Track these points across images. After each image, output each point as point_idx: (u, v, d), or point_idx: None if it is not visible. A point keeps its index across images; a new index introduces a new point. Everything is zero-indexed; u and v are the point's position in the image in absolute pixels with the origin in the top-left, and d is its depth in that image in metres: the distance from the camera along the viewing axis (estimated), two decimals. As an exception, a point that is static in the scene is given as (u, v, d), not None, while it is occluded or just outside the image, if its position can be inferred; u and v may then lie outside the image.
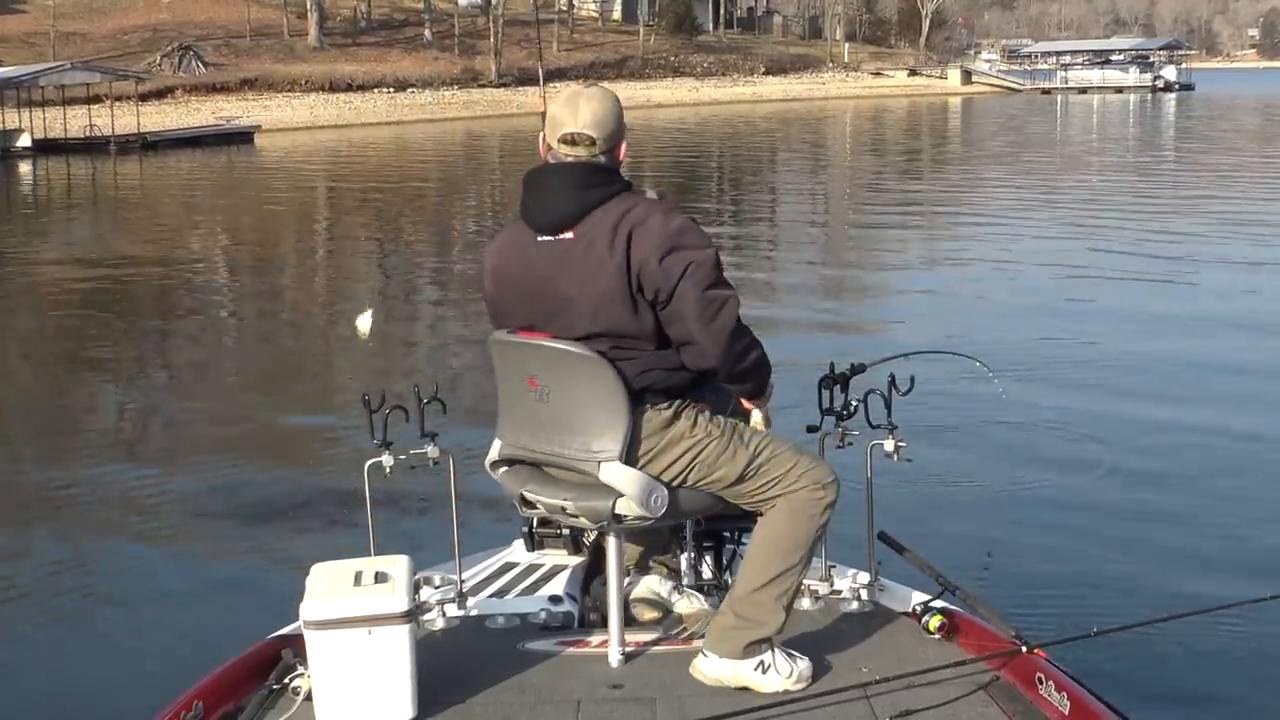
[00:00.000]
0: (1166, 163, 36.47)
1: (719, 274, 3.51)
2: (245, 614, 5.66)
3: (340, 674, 3.50)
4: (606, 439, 3.55)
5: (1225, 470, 7.98)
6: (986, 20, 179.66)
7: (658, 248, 3.44)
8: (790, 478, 3.61)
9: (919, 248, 19.37)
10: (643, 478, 3.56)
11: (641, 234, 3.45)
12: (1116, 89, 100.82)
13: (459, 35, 76.97)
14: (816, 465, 3.68)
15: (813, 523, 3.63)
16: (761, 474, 3.61)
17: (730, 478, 3.61)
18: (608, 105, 3.60)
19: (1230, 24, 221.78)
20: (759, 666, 3.62)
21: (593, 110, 3.55)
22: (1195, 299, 14.01)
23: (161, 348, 13.52)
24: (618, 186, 3.56)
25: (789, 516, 3.62)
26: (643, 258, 3.44)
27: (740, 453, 3.60)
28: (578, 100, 3.58)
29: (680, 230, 3.48)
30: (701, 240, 3.52)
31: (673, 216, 3.52)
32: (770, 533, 3.65)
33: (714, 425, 3.61)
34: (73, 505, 7.95)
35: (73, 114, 46.18)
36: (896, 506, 5.64)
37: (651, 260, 3.44)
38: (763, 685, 3.61)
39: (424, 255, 20.91)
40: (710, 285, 3.47)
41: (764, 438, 3.66)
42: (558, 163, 3.59)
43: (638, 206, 3.51)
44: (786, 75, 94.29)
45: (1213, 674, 5.21)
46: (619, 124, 3.60)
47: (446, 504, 4.21)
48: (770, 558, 3.63)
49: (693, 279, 3.45)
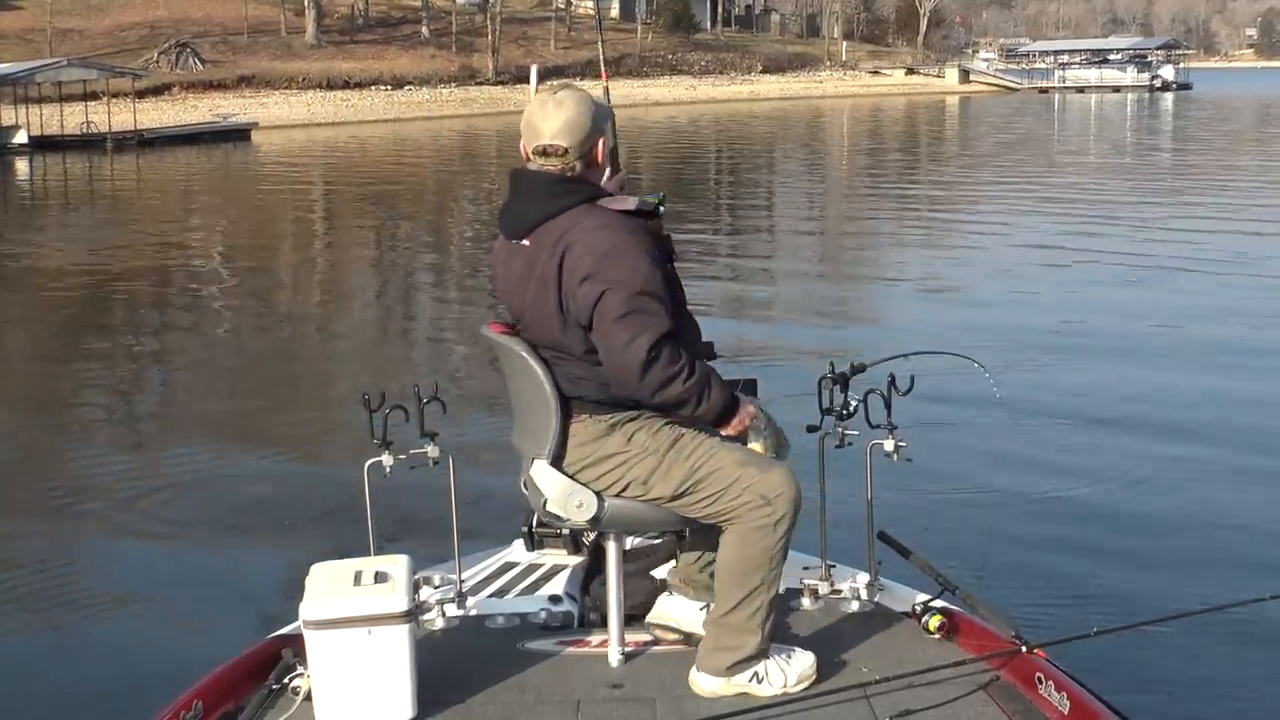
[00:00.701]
0: (1164, 165, 36.45)
1: (638, 302, 3.40)
2: (245, 614, 5.66)
3: (340, 674, 3.50)
4: (540, 439, 3.63)
5: (1225, 470, 7.98)
6: (984, 19, 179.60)
7: (581, 271, 3.43)
8: (731, 494, 3.51)
9: (917, 248, 19.36)
10: (564, 482, 3.60)
11: (572, 255, 3.45)
12: (1114, 88, 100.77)
13: (456, 33, 76.93)
14: (763, 479, 3.51)
15: (762, 542, 3.52)
16: (699, 490, 3.54)
17: (666, 494, 3.57)
18: (578, 110, 3.57)
19: (1228, 23, 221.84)
20: (752, 678, 3.62)
21: (564, 117, 3.55)
22: (1195, 300, 14.00)
23: (158, 346, 13.50)
24: (577, 198, 3.53)
25: (737, 539, 3.56)
26: (569, 279, 3.46)
27: (676, 469, 3.54)
28: (548, 107, 3.58)
29: (606, 254, 3.42)
30: (626, 266, 3.42)
31: (605, 236, 3.45)
32: (724, 558, 3.62)
33: (652, 440, 3.56)
34: (71, 504, 7.94)
35: (69, 111, 46.09)
36: (896, 506, 5.65)
37: (573, 283, 3.45)
38: (760, 692, 3.61)
39: (422, 255, 20.90)
40: (624, 314, 3.40)
41: (709, 452, 3.54)
42: (529, 171, 3.62)
43: (581, 223, 3.48)
44: (784, 74, 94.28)
45: (1213, 674, 5.21)
46: (593, 124, 3.58)
47: (446, 504, 4.21)
48: (729, 583, 3.60)
49: (605, 307, 3.42)
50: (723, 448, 3.57)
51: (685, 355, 3.47)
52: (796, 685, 3.62)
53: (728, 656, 3.61)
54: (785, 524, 3.52)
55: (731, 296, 14.99)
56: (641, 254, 3.46)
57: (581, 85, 4.01)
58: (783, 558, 3.59)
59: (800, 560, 4.33)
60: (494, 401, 3.92)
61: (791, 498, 3.52)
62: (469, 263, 18.98)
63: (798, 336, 12.67)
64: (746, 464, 3.53)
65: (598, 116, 3.61)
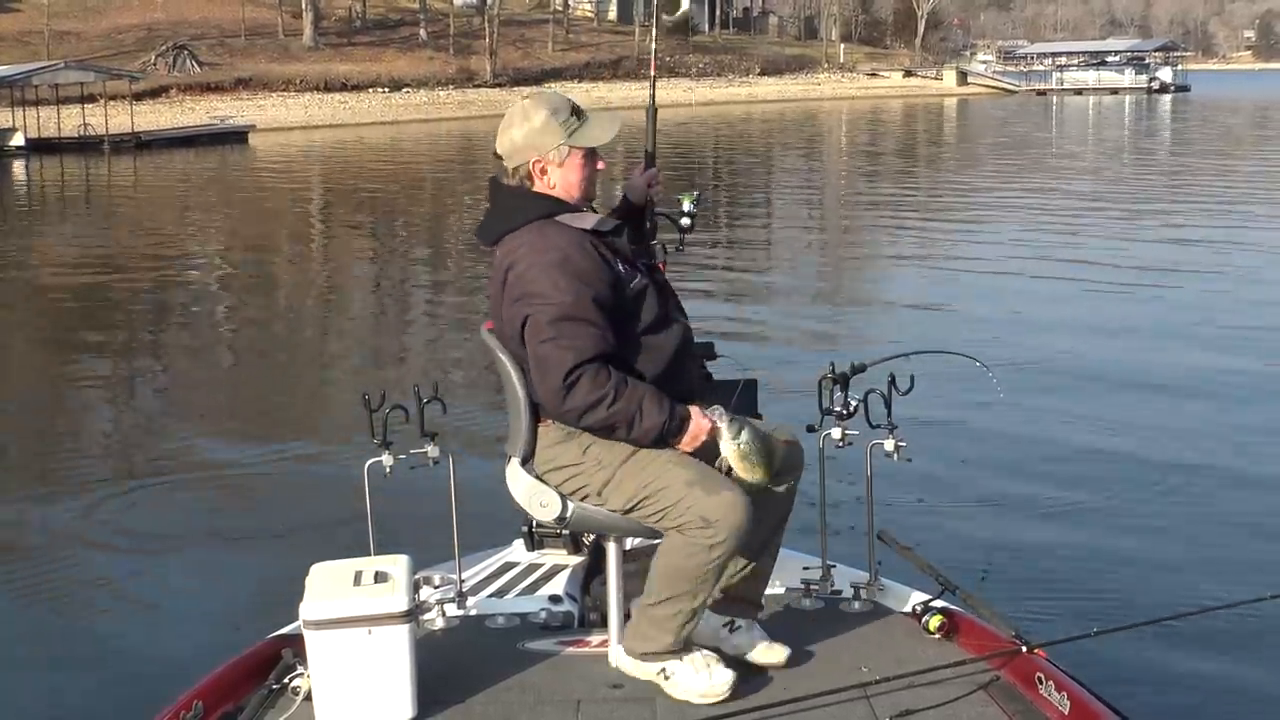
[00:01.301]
0: (1161, 168, 36.46)
1: (560, 328, 3.43)
2: (245, 614, 5.66)
3: (340, 674, 3.50)
4: (516, 438, 3.75)
5: (1225, 470, 7.98)
6: (982, 21, 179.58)
7: (513, 292, 3.53)
8: (676, 511, 3.51)
9: (916, 250, 19.36)
10: (530, 482, 3.68)
11: (511, 274, 3.54)
12: (1112, 90, 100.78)
13: (454, 35, 76.88)
14: (707, 501, 3.48)
15: (695, 559, 3.52)
16: (647, 505, 3.56)
17: (619, 507, 3.61)
18: (517, 127, 3.60)
19: (1226, 25, 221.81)
20: (660, 673, 3.63)
21: (506, 131, 3.63)
22: (1193, 300, 14.01)
23: (157, 346, 13.49)
24: (529, 215, 3.58)
25: (676, 547, 3.56)
26: (507, 298, 3.56)
27: (628, 483, 3.56)
28: (507, 115, 3.66)
29: (536, 277, 3.48)
30: (553, 290, 3.45)
31: (539, 259, 3.48)
32: (661, 557, 3.64)
33: (607, 454, 3.58)
34: (70, 505, 7.93)
35: (67, 113, 46.04)
36: (896, 506, 5.66)
37: (509, 302, 3.55)
38: (666, 689, 3.62)
39: (421, 256, 20.90)
40: (545, 339, 3.45)
41: (660, 469, 3.54)
42: (497, 181, 3.70)
43: (525, 242, 3.54)
44: (782, 76, 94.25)
45: (1213, 674, 5.21)
46: (525, 143, 3.60)
47: (446, 504, 4.21)
48: (659, 580, 3.62)
49: (529, 331, 3.50)
50: (677, 465, 3.54)
51: (613, 379, 3.45)
52: (701, 699, 3.58)
53: (642, 644, 3.65)
54: (722, 549, 3.50)
55: (731, 297, 14.98)
56: (572, 278, 3.47)
57: (578, 88, 4.02)
58: (715, 577, 3.59)
59: (800, 560, 4.33)
60: (494, 401, 3.94)
61: (732, 524, 3.48)
62: (468, 263, 18.97)
63: (798, 336, 12.67)
64: (695, 484, 3.50)
65: (538, 135, 3.59)
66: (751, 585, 3.90)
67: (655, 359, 3.63)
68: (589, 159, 3.64)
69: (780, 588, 4.21)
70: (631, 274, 3.61)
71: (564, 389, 3.43)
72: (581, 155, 3.62)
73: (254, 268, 19.28)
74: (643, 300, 3.61)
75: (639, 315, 3.61)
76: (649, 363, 3.62)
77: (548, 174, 3.62)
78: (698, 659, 3.62)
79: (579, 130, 3.60)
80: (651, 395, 3.49)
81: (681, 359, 3.70)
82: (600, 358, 3.45)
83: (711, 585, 3.61)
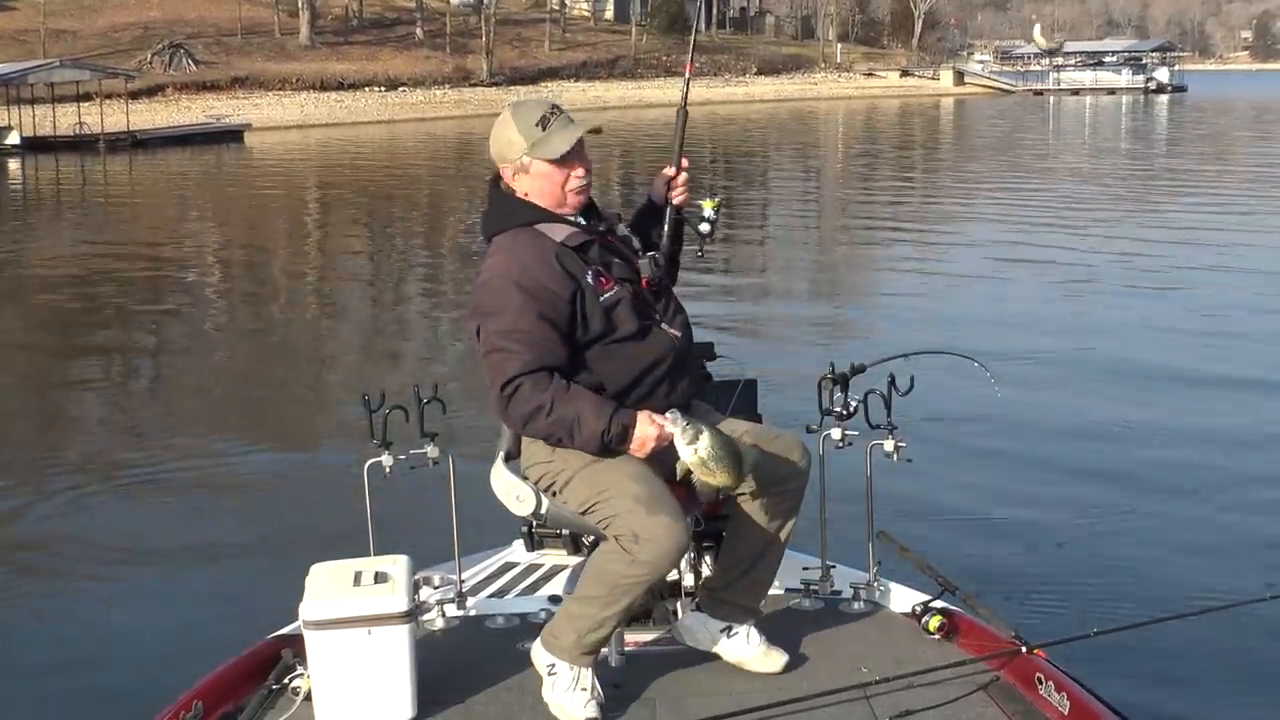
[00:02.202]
0: (1161, 169, 36.51)
1: (502, 340, 3.51)
2: (245, 614, 5.65)
3: (340, 674, 3.50)
4: (502, 437, 3.87)
5: (1225, 470, 7.99)
6: (980, 21, 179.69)
7: (473, 304, 3.64)
8: (617, 521, 3.51)
9: (915, 251, 19.37)
10: (508, 478, 3.77)
11: (476, 286, 3.67)
12: (1109, 90, 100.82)
13: (451, 34, 76.87)
14: (643, 520, 3.45)
15: (616, 568, 3.50)
16: (596, 510, 3.58)
17: (575, 506, 3.65)
18: (495, 138, 3.71)
19: (1223, 26, 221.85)
20: (548, 668, 3.62)
21: (491, 141, 3.73)
22: (1192, 301, 14.01)
23: (154, 347, 13.49)
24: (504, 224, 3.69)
25: (607, 551, 3.56)
26: (471, 310, 3.68)
27: (584, 487, 3.60)
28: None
29: (488, 291, 3.58)
30: (493, 302, 3.55)
31: (494, 274, 3.58)
32: (594, 554, 3.67)
33: (573, 454, 3.60)
34: (69, 505, 7.92)
35: (62, 112, 45.98)
36: (896, 506, 5.66)
37: (469, 313, 3.69)
38: (543, 686, 3.62)
39: (420, 256, 20.89)
40: (489, 350, 3.55)
41: (616, 477, 3.54)
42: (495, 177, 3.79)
43: (492, 256, 3.65)
44: (779, 75, 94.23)
45: (1212, 674, 5.22)
46: (499, 155, 3.71)
47: (446, 504, 4.20)
48: (584, 577, 3.64)
49: (481, 343, 3.59)
50: (630, 479, 3.53)
51: (551, 388, 3.49)
52: (557, 712, 3.56)
53: (549, 633, 3.66)
54: (643, 568, 3.46)
55: (731, 297, 14.98)
56: (525, 293, 3.52)
57: (574, 87, 4.03)
58: (631, 594, 3.52)
59: (800, 560, 4.33)
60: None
61: (660, 547, 3.44)
62: (466, 263, 18.96)
63: (798, 337, 12.68)
64: (640, 501, 3.48)
65: (505, 146, 3.68)
66: (749, 592, 3.88)
67: (629, 369, 3.63)
68: (560, 166, 3.64)
69: (780, 588, 4.21)
70: (606, 287, 3.62)
71: (504, 398, 3.53)
72: (548, 164, 3.64)
73: (250, 268, 19.27)
74: (616, 312, 3.62)
75: (613, 327, 3.62)
76: (622, 373, 3.62)
77: (518, 180, 3.70)
78: (581, 675, 3.58)
79: (540, 141, 3.63)
80: (591, 404, 3.50)
81: (663, 369, 3.68)
82: (543, 369, 3.50)
83: (626, 602, 3.53)
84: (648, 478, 3.55)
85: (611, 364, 3.62)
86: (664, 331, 3.72)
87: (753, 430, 3.84)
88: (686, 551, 3.51)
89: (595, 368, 3.60)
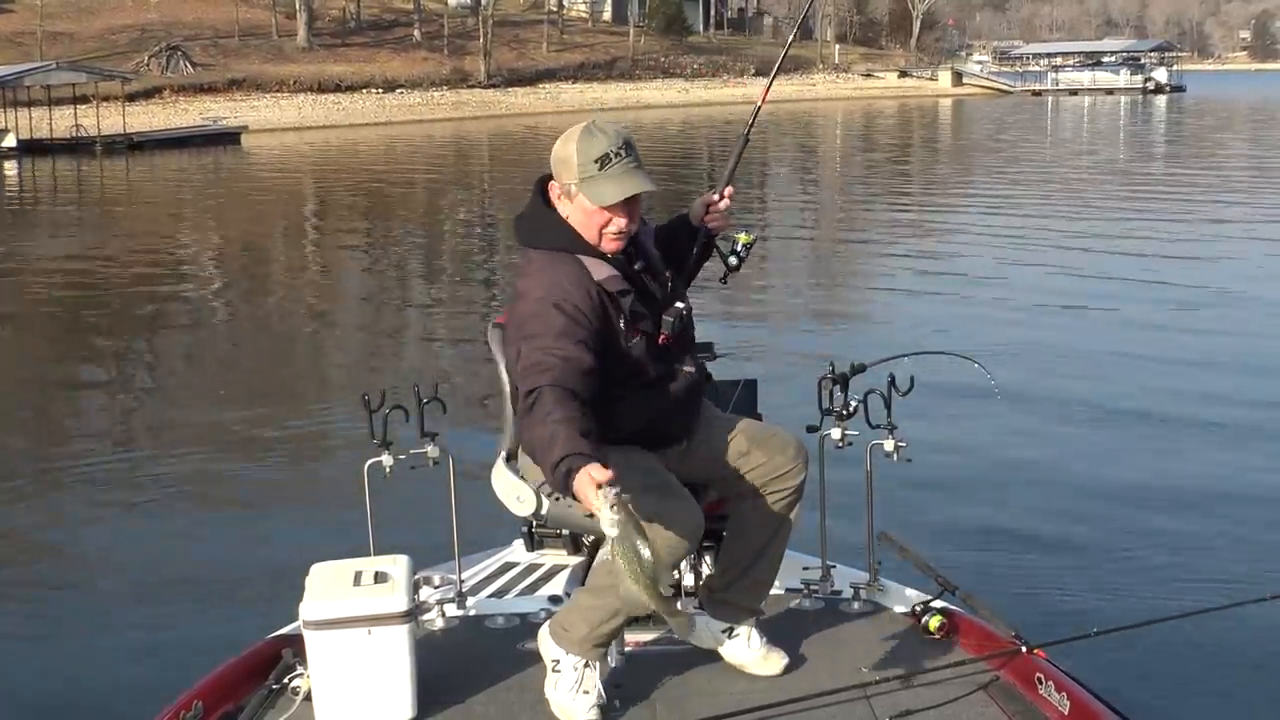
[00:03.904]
0: (1159, 169, 36.54)
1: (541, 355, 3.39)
2: (245, 614, 5.65)
3: (340, 674, 3.50)
4: (505, 437, 3.84)
5: (1225, 470, 7.99)
6: (978, 21, 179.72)
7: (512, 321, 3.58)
8: None
9: (914, 251, 19.36)
10: (509, 479, 3.74)
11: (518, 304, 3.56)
12: (1107, 91, 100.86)
13: (448, 36, 76.85)
14: (660, 504, 3.44)
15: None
16: None
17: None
18: (559, 149, 3.59)
19: (1222, 26, 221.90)
20: (554, 663, 3.63)
21: (556, 146, 3.62)
22: (1191, 302, 14.02)
23: (153, 348, 13.48)
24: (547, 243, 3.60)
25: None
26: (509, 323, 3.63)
27: None
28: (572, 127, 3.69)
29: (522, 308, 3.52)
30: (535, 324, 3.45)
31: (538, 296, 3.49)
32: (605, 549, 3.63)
33: None
34: (68, 507, 7.93)
35: (59, 114, 45.97)
36: (896, 506, 5.65)
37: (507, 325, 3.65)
38: (546, 682, 3.63)
39: (417, 255, 20.86)
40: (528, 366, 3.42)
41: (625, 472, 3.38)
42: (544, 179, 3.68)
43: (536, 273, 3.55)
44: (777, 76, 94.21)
45: (1212, 674, 5.21)
46: (555, 168, 3.60)
47: (446, 504, 4.20)
48: (596, 569, 3.64)
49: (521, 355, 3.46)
50: (639, 470, 3.51)
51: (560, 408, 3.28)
52: (558, 711, 3.57)
53: (558, 626, 3.66)
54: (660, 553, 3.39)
55: (731, 297, 14.96)
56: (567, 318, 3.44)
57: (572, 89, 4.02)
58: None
59: (800, 560, 4.33)
60: (494, 401, 3.93)
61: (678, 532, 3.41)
62: (466, 264, 18.98)
63: (798, 337, 12.68)
64: (652, 489, 3.47)
65: (560, 164, 3.56)
66: (750, 592, 3.87)
67: (646, 411, 3.63)
68: (603, 210, 3.53)
69: (780, 588, 4.21)
70: (631, 336, 3.58)
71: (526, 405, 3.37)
72: (590, 203, 3.53)
73: (248, 270, 19.26)
74: (641, 359, 3.60)
75: (636, 372, 3.60)
76: (639, 414, 3.62)
77: (564, 204, 3.60)
78: (586, 676, 3.57)
79: (590, 180, 3.51)
80: (564, 438, 3.23)
81: (680, 406, 3.69)
82: (567, 389, 3.33)
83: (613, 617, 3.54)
84: (653, 468, 3.55)
85: (631, 404, 3.59)
86: (680, 371, 3.71)
87: (750, 428, 3.83)
88: (701, 533, 3.48)
89: (615, 406, 3.55)
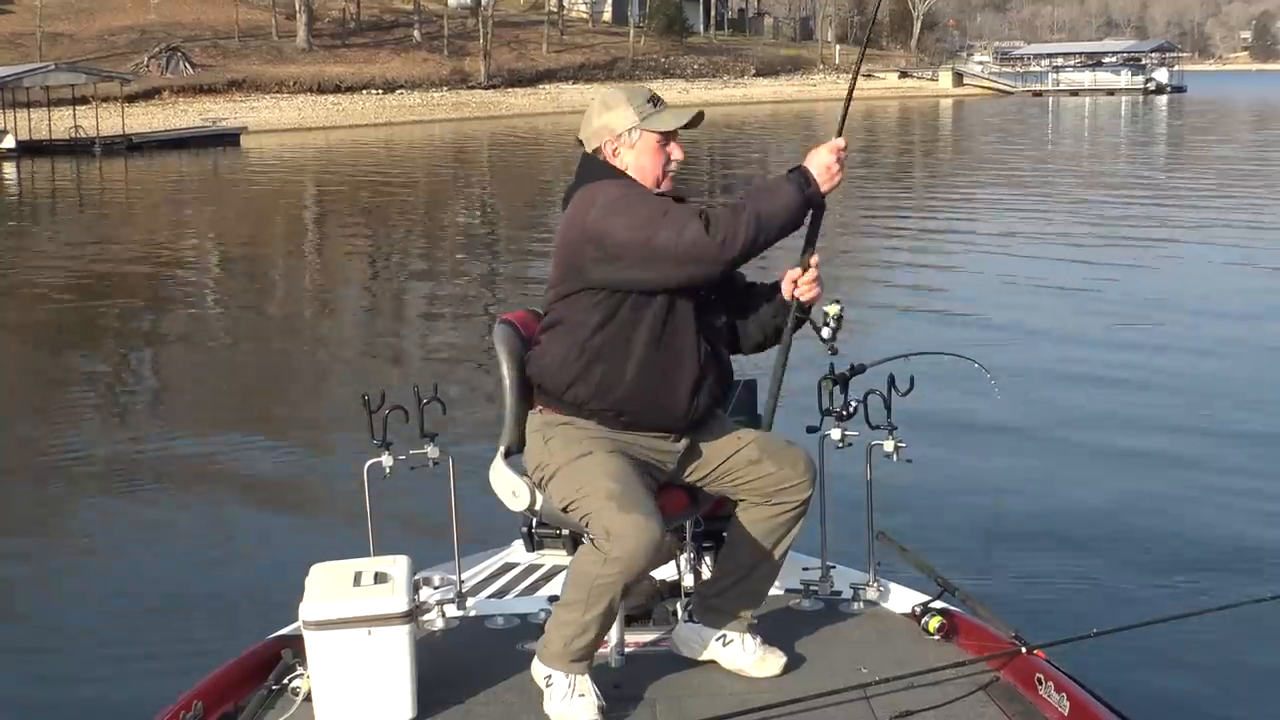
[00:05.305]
0: (1158, 170, 36.54)
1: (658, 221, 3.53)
2: (245, 614, 5.65)
3: (340, 674, 3.50)
4: (503, 433, 3.84)
5: (1225, 471, 8.00)
6: (979, 22, 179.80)
7: (603, 211, 3.58)
8: (593, 519, 3.47)
9: (913, 251, 19.37)
10: (505, 473, 3.75)
11: (600, 200, 3.59)
12: (1108, 91, 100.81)
13: (448, 37, 76.81)
14: (615, 517, 3.41)
15: (592, 568, 3.46)
16: (575, 509, 3.55)
17: (558, 503, 3.62)
18: (599, 113, 3.75)
19: (1223, 26, 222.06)
20: (545, 679, 3.60)
21: (588, 118, 3.79)
22: (1190, 301, 14.02)
23: (152, 350, 13.48)
24: (599, 175, 3.68)
25: (583, 551, 3.54)
26: (583, 216, 3.63)
27: (567, 484, 3.58)
28: (591, 102, 3.86)
29: (623, 202, 3.57)
30: (639, 209, 3.56)
31: (605, 194, 3.60)
32: (574, 556, 3.64)
33: (563, 450, 3.62)
34: (68, 507, 7.93)
35: (58, 115, 45.96)
36: (896, 507, 5.65)
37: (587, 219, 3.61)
38: (543, 699, 3.59)
39: (417, 256, 20.88)
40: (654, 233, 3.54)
41: (595, 478, 3.51)
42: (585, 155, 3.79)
43: (605, 184, 3.63)
44: (777, 77, 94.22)
45: (1212, 674, 5.22)
46: (604, 127, 3.72)
47: (446, 504, 4.20)
48: (566, 581, 3.60)
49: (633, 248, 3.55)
50: (606, 478, 3.51)
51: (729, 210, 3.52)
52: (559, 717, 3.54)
53: (541, 644, 3.64)
54: (615, 566, 3.41)
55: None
56: (655, 199, 3.61)
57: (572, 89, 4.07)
58: (607, 594, 3.47)
59: (800, 560, 4.33)
60: (494, 402, 3.94)
61: (629, 548, 3.38)
62: (466, 264, 18.98)
63: (797, 337, 12.66)
64: (613, 498, 3.45)
65: (613, 118, 3.70)
66: (744, 600, 3.85)
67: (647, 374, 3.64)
68: (662, 144, 3.71)
69: (780, 588, 4.21)
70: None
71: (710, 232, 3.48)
72: (655, 139, 3.70)
73: (248, 271, 19.26)
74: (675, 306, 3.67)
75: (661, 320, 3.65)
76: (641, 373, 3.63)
77: (619, 155, 3.71)
78: (577, 682, 3.56)
79: (653, 116, 3.70)
80: (766, 185, 3.62)
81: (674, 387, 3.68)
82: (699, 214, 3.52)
83: (605, 603, 3.49)
84: (625, 477, 3.52)
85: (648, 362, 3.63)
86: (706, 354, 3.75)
87: (762, 438, 3.83)
88: (660, 549, 3.43)
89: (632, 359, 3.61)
